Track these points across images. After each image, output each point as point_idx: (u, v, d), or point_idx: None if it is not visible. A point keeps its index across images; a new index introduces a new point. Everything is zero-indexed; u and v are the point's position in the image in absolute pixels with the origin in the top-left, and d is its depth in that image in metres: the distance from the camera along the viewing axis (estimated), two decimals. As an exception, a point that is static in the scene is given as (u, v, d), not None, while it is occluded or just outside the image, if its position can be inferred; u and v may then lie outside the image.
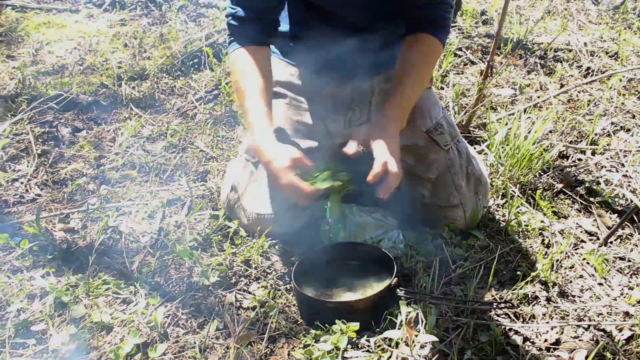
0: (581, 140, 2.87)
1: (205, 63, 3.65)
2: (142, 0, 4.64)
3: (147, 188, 2.46)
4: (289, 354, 1.61)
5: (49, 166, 2.64)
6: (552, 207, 2.31)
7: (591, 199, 2.41)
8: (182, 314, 1.73)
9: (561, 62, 3.89)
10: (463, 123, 2.83)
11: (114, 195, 2.39)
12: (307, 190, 1.73)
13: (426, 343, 1.55)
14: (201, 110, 3.16)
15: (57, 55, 3.89)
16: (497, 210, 2.29)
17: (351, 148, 1.80)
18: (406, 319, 1.62)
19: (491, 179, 2.40)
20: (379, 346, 1.61)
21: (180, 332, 1.67)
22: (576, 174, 2.57)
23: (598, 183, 2.50)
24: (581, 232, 2.20)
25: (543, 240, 2.12)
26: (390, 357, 1.56)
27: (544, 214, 2.25)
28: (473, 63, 3.79)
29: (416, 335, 1.53)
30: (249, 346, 1.61)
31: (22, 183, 2.52)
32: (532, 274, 1.91)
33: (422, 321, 1.66)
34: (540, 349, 1.65)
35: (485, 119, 2.99)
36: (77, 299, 1.80)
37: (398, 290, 1.70)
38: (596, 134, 2.90)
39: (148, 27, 4.23)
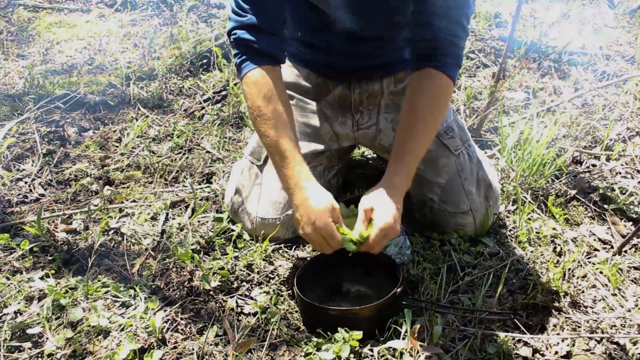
0: (595, 146, 2.80)
1: (214, 63, 3.61)
2: (153, 1, 4.62)
3: (151, 189, 2.42)
4: (289, 363, 1.57)
5: (53, 166, 2.61)
6: (565, 214, 2.24)
7: (605, 206, 2.34)
8: (182, 319, 1.69)
9: (576, 65, 3.81)
10: (474, 127, 2.77)
11: (117, 196, 2.36)
12: (337, 241, 1.62)
13: (431, 355, 1.49)
14: (209, 111, 3.13)
15: (67, 55, 3.88)
16: (507, 217, 2.23)
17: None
18: (411, 328, 1.56)
19: (502, 184, 2.34)
20: (382, 356, 1.55)
21: (179, 337, 1.63)
22: (590, 180, 2.50)
23: (612, 190, 2.43)
24: (594, 240, 2.14)
25: (555, 248, 2.06)
26: (393, 367, 1.51)
27: (556, 221, 2.19)
28: (486, 66, 3.73)
29: (421, 346, 1.48)
30: (249, 353, 1.57)
31: (26, 183, 2.49)
32: (543, 283, 1.85)
33: (428, 331, 1.61)
34: (550, 362, 1.60)
35: (497, 122, 2.93)
36: (75, 302, 1.76)
37: (403, 298, 1.65)
38: (611, 140, 2.83)
39: (159, 27, 4.20)
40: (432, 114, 1.73)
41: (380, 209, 1.60)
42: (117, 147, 2.82)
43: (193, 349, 1.57)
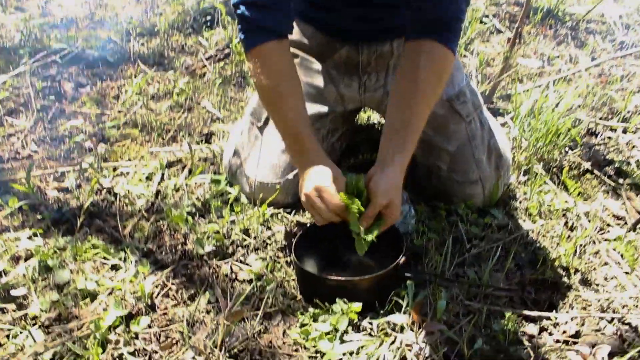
0: (612, 117, 2.68)
1: (218, 21, 3.49)
2: (157, -46, 4.47)
3: (147, 148, 2.33)
4: (284, 333, 1.49)
5: (47, 122, 2.52)
6: (578, 187, 2.15)
7: (620, 181, 2.24)
8: (173, 284, 1.61)
9: (593, 34, 3.67)
10: (486, 93, 2.65)
11: (112, 154, 2.27)
12: (339, 205, 1.51)
13: (433, 331, 1.41)
14: (211, 69, 3.01)
15: (67, 9, 3.75)
16: (517, 188, 2.13)
17: None
18: (413, 301, 1.48)
19: (513, 154, 2.24)
20: (381, 330, 1.48)
21: (169, 303, 1.56)
22: (605, 152, 2.40)
23: (628, 164, 2.33)
24: (608, 215, 2.04)
25: (566, 222, 1.97)
26: (393, 342, 1.43)
27: (569, 194, 2.09)
28: (499, 31, 3.59)
29: (423, 321, 1.40)
30: (242, 322, 1.49)
31: (18, 139, 2.41)
32: (553, 258, 1.76)
33: (431, 305, 1.53)
34: (558, 341, 1.51)
35: (510, 90, 2.82)
36: (63, 263, 1.68)
37: (406, 269, 1.56)
38: (628, 111, 2.71)
39: (162, -19, 4.07)
40: (433, 89, 1.62)
41: (395, 206, 1.53)
42: (114, 104, 2.72)
43: (183, 316, 1.50)
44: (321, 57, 1.97)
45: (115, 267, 1.68)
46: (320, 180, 1.52)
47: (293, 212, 1.95)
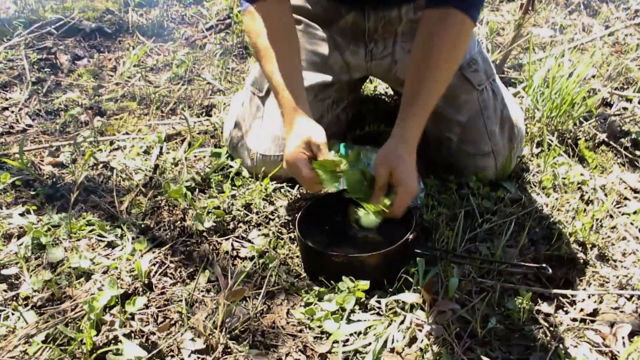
0: (627, 87, 2.58)
1: (218, -10, 3.38)
2: None
3: (145, 121, 2.25)
4: (288, 313, 1.42)
5: (43, 95, 2.44)
6: (596, 159, 2.06)
7: (637, 152, 2.15)
8: (171, 262, 1.54)
9: (607, 2, 3.55)
10: (497, 62, 2.55)
11: (108, 127, 2.19)
12: (307, 178, 1.51)
13: (445, 310, 1.34)
14: (211, 40, 2.92)
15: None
16: (530, 160, 2.04)
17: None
18: (424, 279, 1.41)
19: (526, 125, 2.15)
20: (390, 309, 1.40)
21: (167, 282, 1.48)
22: (621, 124, 2.30)
23: (646, 135, 2.24)
24: (625, 188, 1.96)
25: (582, 195, 1.88)
26: (402, 322, 1.36)
27: (584, 167, 2.01)
28: (510, 0, 3.47)
29: (434, 300, 1.33)
30: (244, 301, 1.42)
31: (12, 112, 2.33)
32: (569, 233, 1.68)
33: (442, 282, 1.45)
34: (575, 320, 1.44)
35: (521, 59, 2.72)
36: (57, 240, 1.61)
37: (416, 245, 1.49)
38: (645, 81, 2.61)
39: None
40: (449, 62, 1.53)
41: (398, 176, 1.45)
42: (112, 76, 2.64)
43: (182, 296, 1.43)
44: (326, 23, 1.87)
45: (111, 245, 1.61)
46: (289, 151, 1.52)
47: (297, 186, 1.87)
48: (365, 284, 1.42)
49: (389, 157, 1.47)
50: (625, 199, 1.91)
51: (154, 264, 1.53)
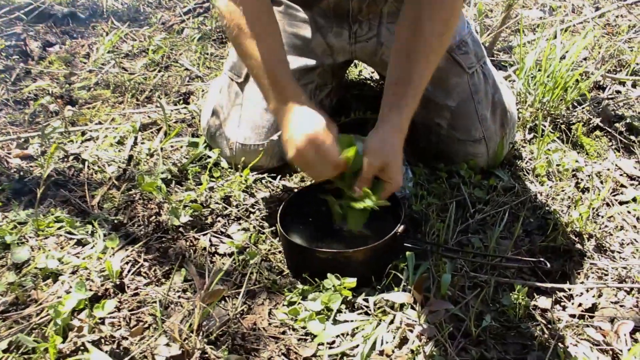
0: (620, 70, 2.51)
1: (196, -28, 3.25)
2: None
3: (119, 110, 2.14)
4: (269, 313, 1.33)
5: (11, 84, 2.32)
6: (594, 144, 1.98)
7: (632, 137, 2.07)
8: (145, 260, 1.44)
9: (596, -18, 3.47)
10: (486, 45, 2.46)
11: (80, 117, 2.07)
12: (337, 160, 1.35)
13: (438, 309, 1.25)
14: (189, 25, 2.80)
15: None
16: (523, 147, 1.96)
17: None
18: (414, 275, 1.32)
19: (518, 110, 2.06)
20: (379, 308, 1.32)
21: (140, 282, 1.39)
22: (615, 108, 2.23)
23: (640, 119, 2.16)
24: (621, 175, 1.88)
25: (577, 183, 1.80)
26: (392, 322, 1.28)
27: (579, 153, 1.93)
28: (498, -19, 3.38)
29: (426, 298, 1.24)
30: (222, 302, 1.33)
31: (-22, 102, 2.20)
32: (565, 223, 1.60)
33: (434, 278, 1.37)
34: (573, 316, 1.37)
35: (510, 42, 2.63)
36: (22, 239, 1.51)
37: (405, 239, 1.40)
38: (638, 64, 2.53)
39: None
40: (440, 41, 1.42)
41: (395, 171, 1.37)
42: (84, 63, 2.51)
43: (156, 297, 1.33)
44: (307, 4, 1.77)
45: (81, 243, 1.51)
46: (313, 128, 1.34)
47: (279, 177, 1.77)
48: (352, 282, 1.33)
49: (384, 148, 1.36)
50: (622, 186, 1.83)
51: (127, 263, 1.43)
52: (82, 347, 1.19)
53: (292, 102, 1.38)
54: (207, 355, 1.19)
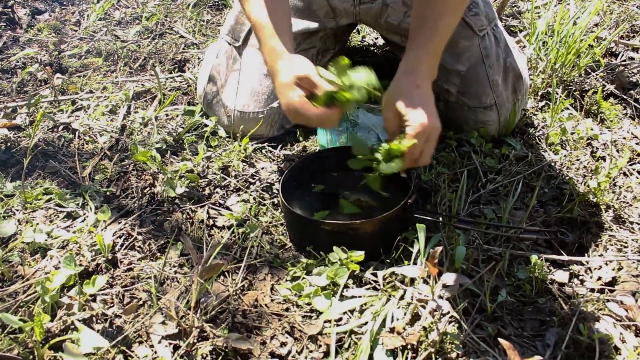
0: (634, 36, 2.41)
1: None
2: None
3: (112, 79, 2.04)
4: (272, 289, 1.25)
5: (-2, 52, 2.22)
6: (613, 110, 1.89)
7: (647, 105, 1.98)
8: (139, 233, 1.36)
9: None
10: (495, 9, 2.36)
11: (70, 86, 1.98)
12: (311, 114, 1.26)
13: (454, 284, 1.17)
14: (184, -9, 2.69)
15: None
16: (535, 114, 1.87)
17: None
18: (425, 248, 1.24)
19: (529, 76, 1.97)
20: (388, 283, 1.24)
21: (134, 257, 1.31)
22: (629, 74, 2.13)
23: (655, 86, 2.07)
24: (637, 144, 1.80)
25: (593, 152, 1.72)
26: (402, 297, 1.20)
27: (593, 121, 1.84)
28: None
29: (439, 272, 1.16)
30: (221, 277, 1.25)
31: (-36, 70, 2.10)
32: (581, 193, 1.52)
33: (446, 251, 1.29)
34: (593, 290, 1.29)
35: (519, 6, 2.53)
36: (9, 212, 1.42)
37: (415, 210, 1.32)
38: (651, 29, 2.43)
39: None
40: None
41: (405, 110, 1.25)
42: (75, 31, 2.41)
43: (151, 272, 1.25)
44: (308, -38, 1.67)
45: (71, 216, 1.43)
46: (299, 68, 1.27)
47: (279, 146, 1.69)
48: (359, 255, 1.25)
49: (395, 95, 1.28)
50: (638, 155, 1.75)
51: (120, 237, 1.35)
52: (71, 326, 1.12)
53: (282, 53, 1.32)
54: (205, 334, 1.11)
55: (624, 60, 2.26)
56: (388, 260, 1.29)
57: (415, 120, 1.23)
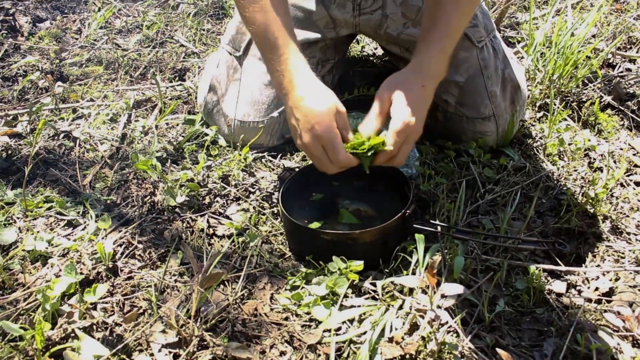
0: (630, 47, 2.42)
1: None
2: None
3: (113, 87, 2.05)
4: (271, 298, 1.26)
5: (-1, 59, 2.23)
6: (611, 121, 1.90)
7: (644, 116, 2.00)
8: (139, 242, 1.37)
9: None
10: (493, 20, 2.37)
11: (71, 94, 1.99)
12: (341, 155, 1.24)
13: (451, 295, 1.18)
14: (184, 0, 2.70)
15: None
16: (532, 125, 1.89)
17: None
18: (423, 258, 1.25)
19: (527, 87, 1.98)
20: (387, 292, 1.25)
21: (134, 265, 1.31)
22: (626, 86, 2.15)
23: (653, 97, 2.08)
24: (634, 155, 1.81)
25: (590, 163, 1.73)
26: (401, 307, 1.21)
27: (591, 132, 1.85)
28: (502, -43, 3.28)
29: (438, 283, 1.17)
30: (221, 286, 1.26)
31: (-35, 78, 2.11)
32: (578, 204, 1.53)
33: (444, 262, 1.30)
34: (590, 300, 1.30)
35: (517, 18, 2.54)
36: (10, 220, 1.43)
37: (414, 220, 1.33)
38: (648, 41, 2.45)
39: None
40: None
41: (399, 101, 1.24)
42: (76, 39, 2.42)
43: (151, 281, 1.26)
44: (309, -27, 1.68)
45: (71, 224, 1.43)
46: (319, 121, 1.24)
47: (279, 155, 1.70)
48: (358, 265, 1.26)
49: (396, 82, 1.29)
50: (635, 166, 1.76)
51: (120, 245, 1.36)
52: (72, 334, 1.13)
53: (294, 80, 1.29)
54: (205, 343, 1.12)
55: (621, 72, 2.27)
56: (387, 270, 1.30)
57: (403, 117, 1.23)
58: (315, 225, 1.38)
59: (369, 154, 1.25)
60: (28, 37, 2.41)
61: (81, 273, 1.25)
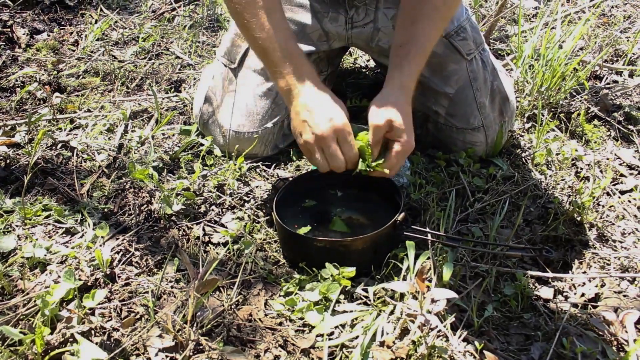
0: (617, 60, 2.48)
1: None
2: None
3: (109, 98, 2.08)
4: (266, 304, 1.29)
5: (-3, 70, 2.25)
6: (596, 132, 1.95)
7: (630, 127, 2.04)
8: (136, 249, 1.40)
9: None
10: (483, 34, 2.42)
11: (69, 104, 2.02)
12: (354, 153, 1.33)
13: (441, 299, 1.21)
14: (180, 12, 2.75)
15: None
16: (521, 136, 1.93)
17: None
18: (414, 265, 1.28)
19: (516, 98, 2.03)
20: (379, 298, 1.28)
21: (132, 272, 1.34)
22: (613, 97, 2.20)
23: (638, 109, 2.13)
24: (620, 164, 1.85)
25: (577, 172, 1.77)
26: (392, 312, 1.24)
27: (579, 142, 1.90)
28: (492, -29, 3.34)
29: (428, 288, 1.20)
30: (216, 292, 1.29)
31: (-37, 89, 2.14)
32: (565, 212, 1.57)
33: (434, 268, 1.33)
34: (576, 306, 1.33)
35: (507, 31, 2.60)
36: (9, 228, 1.46)
37: (405, 227, 1.36)
38: (634, 54, 2.51)
39: None
40: (444, 1, 1.40)
41: (396, 125, 1.31)
42: (73, 51, 2.45)
43: (148, 287, 1.29)
44: (303, -13, 1.73)
45: (69, 232, 1.46)
46: (339, 117, 1.31)
47: (273, 165, 1.73)
48: (350, 271, 1.29)
49: (386, 106, 1.33)
50: (621, 175, 1.80)
51: (117, 252, 1.39)
52: (71, 339, 1.15)
53: (309, 81, 1.35)
54: (201, 347, 1.14)
55: (608, 84, 2.33)
56: (378, 276, 1.33)
57: (408, 141, 1.32)
58: (303, 230, 1.41)
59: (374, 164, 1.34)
60: (26, 49, 2.44)
61: (80, 279, 1.27)
